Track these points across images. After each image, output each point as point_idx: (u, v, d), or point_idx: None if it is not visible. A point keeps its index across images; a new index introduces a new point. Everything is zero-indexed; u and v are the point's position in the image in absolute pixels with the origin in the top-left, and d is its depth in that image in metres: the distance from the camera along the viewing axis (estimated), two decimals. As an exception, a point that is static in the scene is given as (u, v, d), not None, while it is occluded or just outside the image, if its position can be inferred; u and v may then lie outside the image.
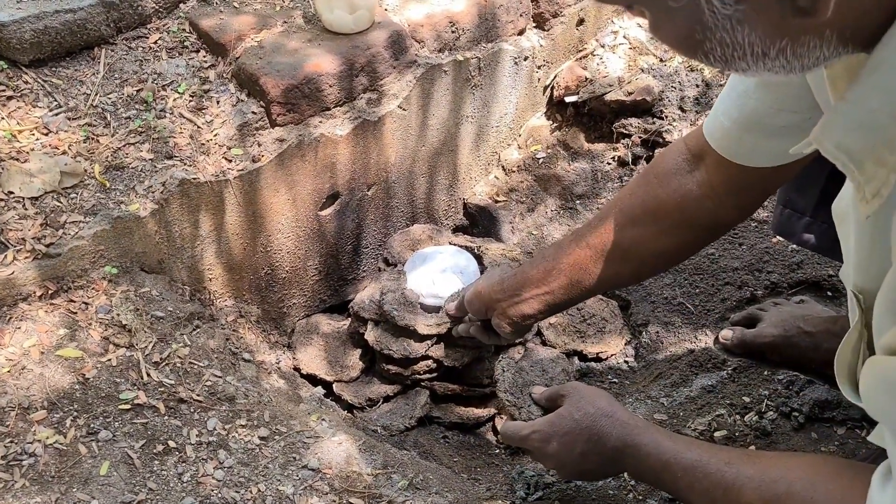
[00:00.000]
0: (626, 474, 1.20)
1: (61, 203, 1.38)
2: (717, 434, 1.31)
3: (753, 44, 0.61)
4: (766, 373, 1.42)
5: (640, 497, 1.20)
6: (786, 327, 1.40)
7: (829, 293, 1.58)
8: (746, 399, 1.37)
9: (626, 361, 1.76)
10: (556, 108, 2.13)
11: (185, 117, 1.55)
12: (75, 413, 1.21)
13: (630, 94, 1.96)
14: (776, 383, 1.38)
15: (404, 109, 1.75)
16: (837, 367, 0.79)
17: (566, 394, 1.15)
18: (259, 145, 1.57)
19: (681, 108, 1.94)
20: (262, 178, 1.57)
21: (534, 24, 2.00)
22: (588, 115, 2.06)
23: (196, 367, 1.34)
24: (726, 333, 1.49)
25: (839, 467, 0.79)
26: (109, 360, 1.28)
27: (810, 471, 0.82)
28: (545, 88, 2.10)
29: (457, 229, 2.07)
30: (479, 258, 1.77)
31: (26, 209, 1.36)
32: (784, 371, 1.39)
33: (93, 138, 1.48)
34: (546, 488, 1.28)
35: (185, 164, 1.49)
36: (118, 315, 1.33)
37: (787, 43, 0.60)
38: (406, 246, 1.82)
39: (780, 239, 1.57)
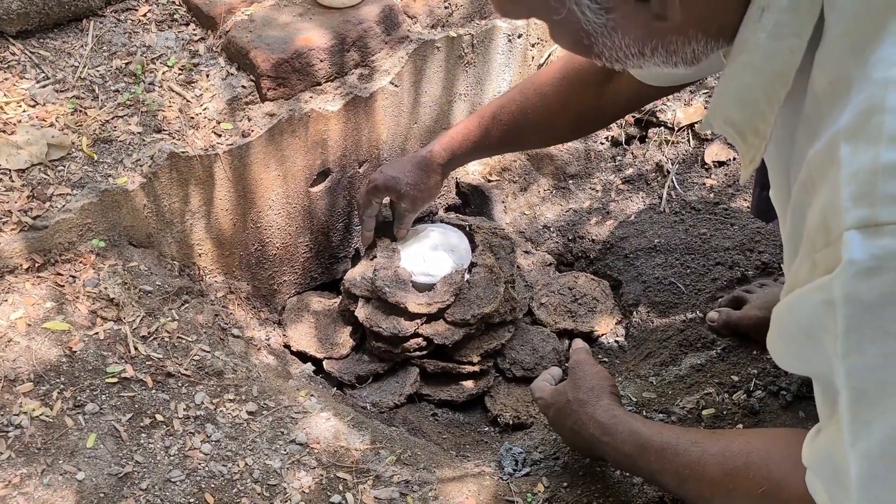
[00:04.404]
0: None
1: (48, 175, 1.37)
2: (704, 412, 1.32)
3: (629, 46, 0.69)
4: (754, 352, 1.41)
5: (627, 474, 1.20)
6: (770, 308, 1.40)
7: (820, 273, 1.58)
8: (735, 378, 1.37)
9: (616, 341, 1.76)
10: (549, 87, 2.11)
11: (174, 91, 1.53)
12: (62, 386, 1.20)
13: (624, 73, 1.94)
14: (765, 362, 1.38)
15: (396, 86, 1.73)
16: None
17: (571, 368, 1.21)
18: (249, 120, 1.55)
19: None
20: (251, 153, 1.56)
21: (528, 2, 1.98)
22: (582, 95, 2.05)
23: (184, 341, 1.33)
24: (712, 315, 1.49)
25: (795, 435, 0.81)
26: (97, 333, 1.28)
27: (768, 442, 0.86)
28: (539, 66, 2.09)
29: (449, 208, 2.06)
30: (470, 236, 1.76)
31: (13, 181, 1.35)
32: (773, 350, 1.39)
33: (81, 111, 1.47)
34: (534, 465, 1.29)
35: (173, 137, 1.47)
36: (106, 288, 1.33)
37: (657, 43, 0.69)
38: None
39: (772, 219, 1.57)
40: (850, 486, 0.64)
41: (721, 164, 1.83)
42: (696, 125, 1.88)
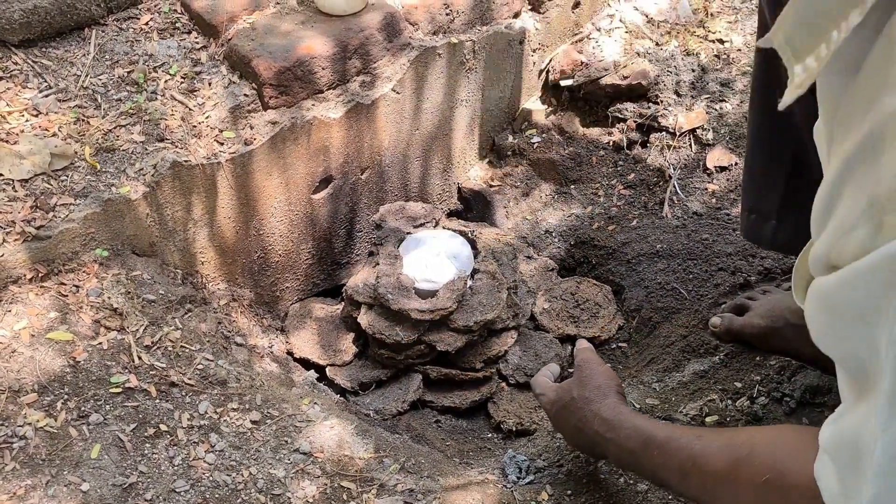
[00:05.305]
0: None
1: (51, 185, 1.37)
2: (708, 419, 1.31)
3: None
4: (758, 358, 1.41)
5: (632, 481, 1.20)
6: (773, 318, 1.40)
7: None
8: (738, 384, 1.37)
9: (619, 346, 1.76)
10: (551, 92, 2.11)
11: (176, 99, 1.53)
12: (66, 396, 1.20)
13: (626, 78, 1.95)
14: (768, 368, 1.38)
15: (398, 92, 1.73)
16: (794, 277, 0.81)
17: (577, 366, 1.20)
18: (251, 128, 1.56)
19: (676, 93, 1.93)
20: (254, 162, 1.56)
21: (529, 7, 1.98)
22: (583, 100, 2.05)
23: (188, 350, 1.33)
24: (715, 321, 1.49)
25: (801, 429, 0.81)
26: (100, 343, 1.28)
27: (773, 433, 0.85)
28: (540, 72, 2.09)
29: (451, 214, 2.07)
30: (472, 243, 1.76)
31: (16, 191, 1.35)
32: (776, 356, 1.39)
33: (83, 120, 1.47)
34: (538, 472, 1.29)
35: (176, 146, 1.48)
36: (109, 298, 1.33)
37: None
38: (396, 216, 1.80)
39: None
40: (868, 472, 0.62)
41: (723, 168, 1.83)
42: (697, 130, 1.88)
